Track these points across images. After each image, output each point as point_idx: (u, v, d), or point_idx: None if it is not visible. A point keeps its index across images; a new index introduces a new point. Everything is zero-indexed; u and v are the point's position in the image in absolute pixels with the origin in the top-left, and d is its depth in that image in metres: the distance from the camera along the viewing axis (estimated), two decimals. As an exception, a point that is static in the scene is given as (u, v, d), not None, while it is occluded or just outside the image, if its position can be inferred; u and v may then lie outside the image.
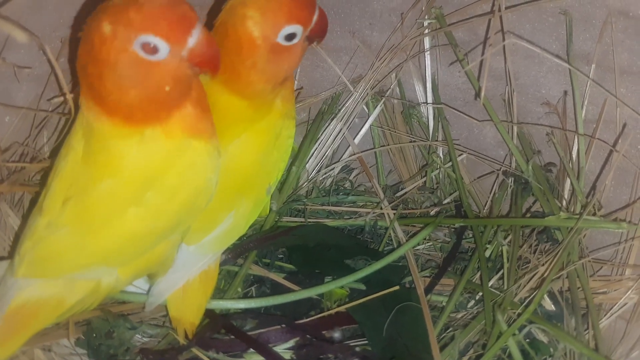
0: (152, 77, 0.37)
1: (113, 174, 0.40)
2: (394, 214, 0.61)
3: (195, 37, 0.37)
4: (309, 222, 0.63)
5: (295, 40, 0.44)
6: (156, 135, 0.40)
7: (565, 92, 0.60)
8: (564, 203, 0.60)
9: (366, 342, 0.52)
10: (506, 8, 0.56)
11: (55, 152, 0.55)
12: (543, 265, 0.54)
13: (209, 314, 0.52)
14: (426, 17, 0.62)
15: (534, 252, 0.58)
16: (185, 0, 0.37)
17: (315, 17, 0.44)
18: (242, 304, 0.53)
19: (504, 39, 0.58)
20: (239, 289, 0.56)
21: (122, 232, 0.42)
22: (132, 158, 0.40)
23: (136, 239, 0.43)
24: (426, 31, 0.63)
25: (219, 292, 0.55)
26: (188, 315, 0.49)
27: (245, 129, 0.46)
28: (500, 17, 0.57)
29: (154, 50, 0.36)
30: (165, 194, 0.41)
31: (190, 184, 0.42)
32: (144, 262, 0.45)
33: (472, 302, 0.56)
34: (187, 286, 0.48)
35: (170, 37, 0.36)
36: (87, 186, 0.41)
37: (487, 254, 0.58)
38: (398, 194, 0.66)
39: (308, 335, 0.52)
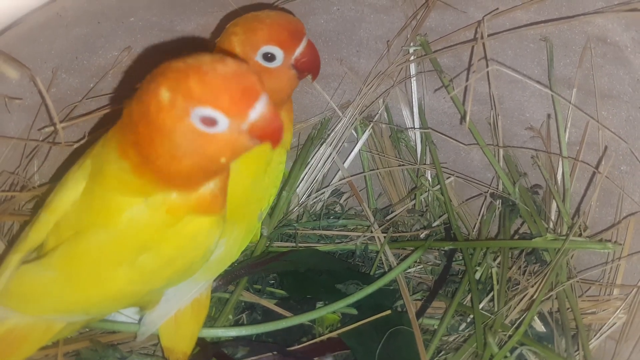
0: (208, 149, 0.35)
1: (109, 228, 0.39)
2: (385, 237, 0.62)
3: (258, 111, 0.34)
4: (300, 246, 0.63)
5: (275, 63, 0.46)
6: (159, 202, 0.38)
7: (549, 116, 0.62)
8: (551, 224, 0.61)
9: (359, 367, 0.52)
10: (489, 35, 0.58)
11: (52, 180, 0.55)
12: (532, 286, 0.54)
13: (200, 342, 0.51)
14: (411, 44, 0.64)
15: (523, 274, 0.58)
16: (251, 70, 0.35)
17: (301, 47, 0.46)
18: (234, 332, 0.53)
19: (487, 65, 0.59)
20: (230, 316, 0.56)
21: (109, 290, 0.41)
22: (132, 217, 0.39)
23: (122, 298, 0.43)
24: (412, 58, 0.64)
25: (210, 320, 0.55)
26: (181, 344, 0.49)
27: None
28: (483, 44, 0.58)
29: (212, 122, 0.34)
30: (160, 261, 0.40)
31: (188, 254, 0.41)
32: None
33: (463, 325, 0.56)
34: (179, 315, 0.48)
35: (231, 112, 0.34)
36: (81, 233, 0.40)
37: (477, 276, 0.58)
38: (388, 217, 0.66)
39: (300, 362, 0.51)
